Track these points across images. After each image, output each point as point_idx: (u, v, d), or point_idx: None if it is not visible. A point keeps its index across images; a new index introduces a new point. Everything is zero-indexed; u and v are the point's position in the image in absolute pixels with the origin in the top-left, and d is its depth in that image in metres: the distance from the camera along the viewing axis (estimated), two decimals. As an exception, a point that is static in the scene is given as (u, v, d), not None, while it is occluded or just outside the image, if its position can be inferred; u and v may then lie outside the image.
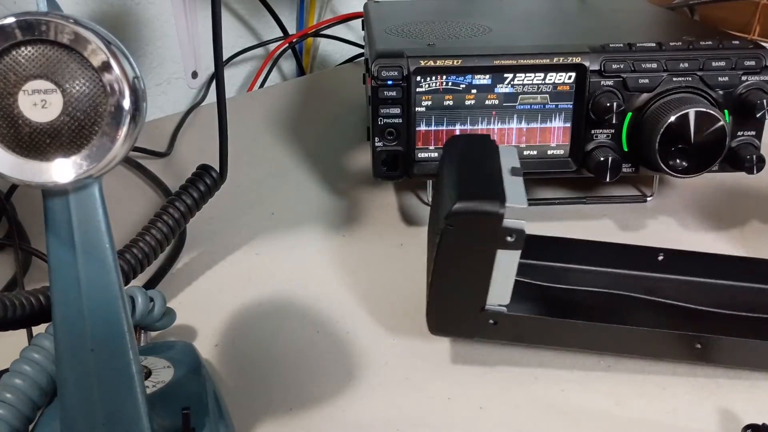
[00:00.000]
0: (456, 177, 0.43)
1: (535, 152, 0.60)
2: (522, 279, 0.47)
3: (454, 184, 0.42)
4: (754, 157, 0.57)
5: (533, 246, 0.49)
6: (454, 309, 0.43)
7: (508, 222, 0.40)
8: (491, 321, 0.43)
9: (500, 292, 0.42)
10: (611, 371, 0.45)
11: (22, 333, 0.44)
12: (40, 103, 0.27)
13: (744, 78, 0.57)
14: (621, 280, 0.50)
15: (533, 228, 0.61)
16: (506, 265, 0.41)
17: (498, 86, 0.58)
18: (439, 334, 0.44)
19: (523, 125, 0.59)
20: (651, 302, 0.48)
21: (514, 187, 0.42)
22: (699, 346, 0.43)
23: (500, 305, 0.43)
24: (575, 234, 0.60)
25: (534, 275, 0.50)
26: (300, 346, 0.48)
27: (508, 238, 0.40)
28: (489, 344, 0.46)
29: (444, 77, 0.57)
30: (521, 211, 0.40)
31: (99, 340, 0.31)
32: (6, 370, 0.39)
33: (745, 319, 0.47)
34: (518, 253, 0.41)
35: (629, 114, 0.58)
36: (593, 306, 0.47)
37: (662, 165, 0.56)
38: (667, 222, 0.62)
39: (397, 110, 0.57)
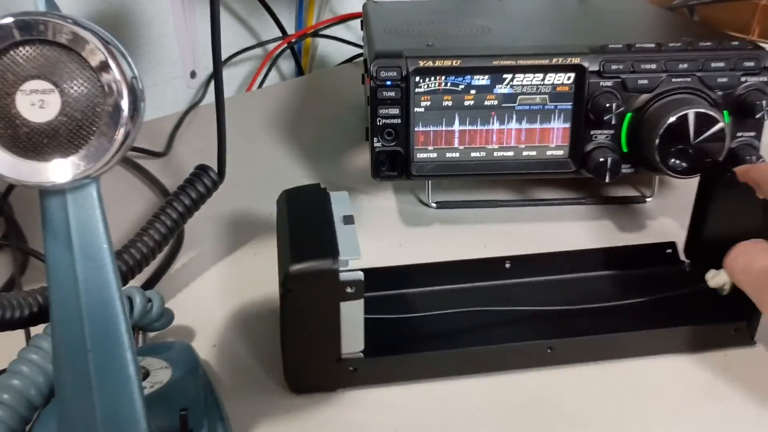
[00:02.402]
0: (288, 238, 0.43)
1: (534, 153, 0.60)
2: (378, 316, 0.48)
3: (286, 246, 0.42)
4: (754, 158, 0.57)
5: (390, 278, 0.51)
6: (311, 364, 0.44)
7: (345, 275, 0.41)
8: (351, 368, 0.44)
9: (352, 340, 0.43)
10: (610, 372, 0.45)
11: (19, 334, 0.44)
12: (38, 103, 0.27)
13: (743, 79, 0.57)
14: (479, 293, 0.51)
15: (531, 229, 0.62)
16: (352, 314, 0.42)
17: (497, 87, 0.58)
18: (302, 392, 0.44)
19: (523, 126, 0.59)
20: (506, 312, 0.49)
21: (347, 238, 0.43)
22: (550, 350, 0.45)
23: (356, 352, 0.43)
24: (574, 235, 0.61)
25: (395, 306, 0.50)
26: (298, 347, 0.48)
27: (348, 290, 0.41)
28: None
29: (443, 78, 0.57)
30: (357, 263, 0.41)
31: (97, 340, 0.31)
32: (4, 371, 0.39)
33: (593, 311, 0.49)
34: (361, 302, 0.42)
35: (629, 115, 0.58)
36: (451, 329, 0.48)
37: (662, 166, 0.56)
38: (667, 223, 0.62)
39: (395, 110, 0.57)
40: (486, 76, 0.57)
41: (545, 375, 0.45)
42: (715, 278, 0.47)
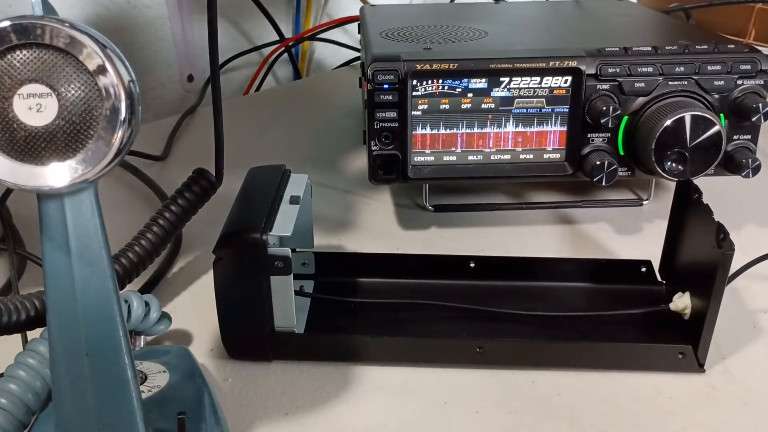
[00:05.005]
0: (231, 210, 0.46)
1: (531, 156, 0.60)
2: (328, 297, 0.50)
3: (228, 217, 0.45)
4: (750, 160, 0.57)
5: (355, 264, 0.53)
6: (245, 333, 0.45)
7: (273, 250, 0.42)
8: (284, 342, 0.45)
9: (284, 314, 0.44)
10: (609, 375, 0.45)
11: (16, 338, 0.44)
12: (35, 107, 0.27)
13: (739, 82, 0.57)
14: (440, 289, 0.52)
15: (528, 232, 0.62)
16: (282, 289, 0.43)
17: (494, 90, 0.58)
18: (238, 358, 0.46)
19: (519, 129, 0.59)
20: (451, 308, 0.49)
21: (285, 216, 0.44)
22: (480, 350, 0.45)
23: (289, 327, 0.45)
24: (571, 238, 0.61)
25: (351, 292, 0.52)
26: (296, 351, 0.48)
27: (277, 264, 0.42)
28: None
29: (440, 81, 0.57)
30: (287, 239, 0.43)
31: (94, 344, 0.31)
32: (1, 375, 0.39)
33: (541, 318, 0.49)
34: (290, 278, 0.43)
35: (625, 118, 0.58)
36: (394, 319, 0.49)
37: (658, 169, 0.56)
38: (663, 226, 0.62)
39: (393, 114, 0.57)
40: (483, 80, 0.58)
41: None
42: (676, 301, 0.46)
